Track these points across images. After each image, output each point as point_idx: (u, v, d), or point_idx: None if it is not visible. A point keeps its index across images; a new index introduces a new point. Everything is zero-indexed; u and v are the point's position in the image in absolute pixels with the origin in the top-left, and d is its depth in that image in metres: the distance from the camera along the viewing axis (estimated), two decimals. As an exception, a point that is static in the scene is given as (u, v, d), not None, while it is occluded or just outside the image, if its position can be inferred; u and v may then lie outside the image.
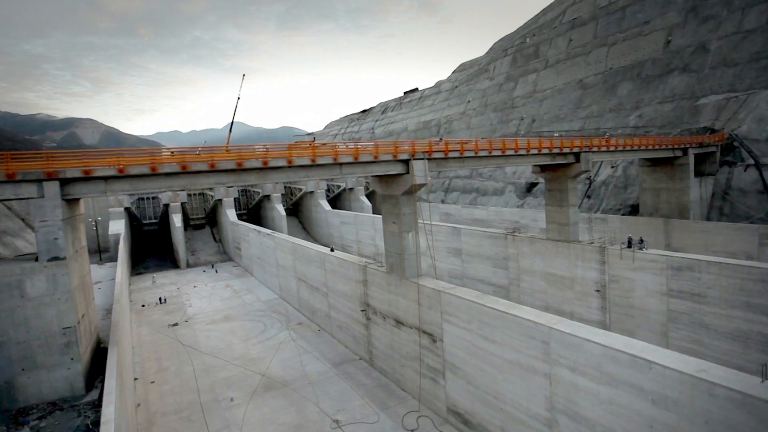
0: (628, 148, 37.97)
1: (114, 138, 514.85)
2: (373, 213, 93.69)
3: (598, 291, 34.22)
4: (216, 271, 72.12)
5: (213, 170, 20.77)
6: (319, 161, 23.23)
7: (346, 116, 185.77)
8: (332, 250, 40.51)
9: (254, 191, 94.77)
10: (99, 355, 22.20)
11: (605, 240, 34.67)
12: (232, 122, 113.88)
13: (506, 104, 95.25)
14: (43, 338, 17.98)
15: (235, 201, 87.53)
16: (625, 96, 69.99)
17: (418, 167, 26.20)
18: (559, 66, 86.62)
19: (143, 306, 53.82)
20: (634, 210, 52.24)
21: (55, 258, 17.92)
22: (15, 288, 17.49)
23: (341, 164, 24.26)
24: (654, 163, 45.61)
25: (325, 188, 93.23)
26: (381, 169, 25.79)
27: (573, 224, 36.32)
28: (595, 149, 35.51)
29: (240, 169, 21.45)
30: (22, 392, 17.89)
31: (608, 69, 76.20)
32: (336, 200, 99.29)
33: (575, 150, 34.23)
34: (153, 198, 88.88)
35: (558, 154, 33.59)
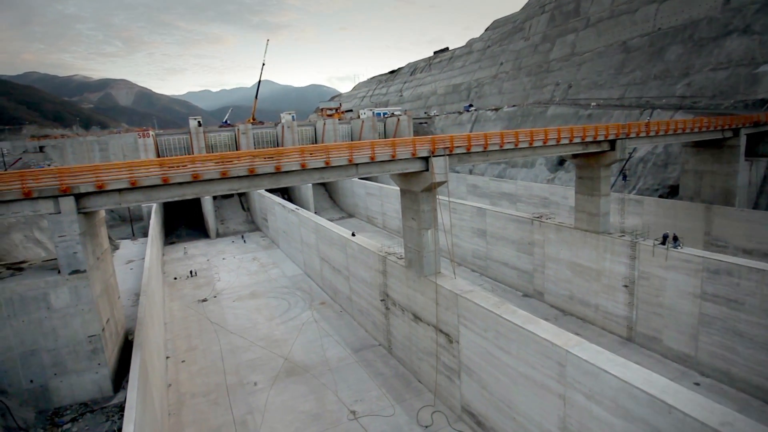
0: (671, 132, 35.06)
1: (147, 99, 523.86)
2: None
3: (626, 286, 32.90)
4: (244, 241, 74.03)
5: (225, 178, 20.49)
6: (334, 163, 22.53)
7: (373, 77, 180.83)
8: (353, 234, 40.36)
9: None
10: (127, 351, 23.25)
11: (637, 233, 32.85)
12: (258, 90, 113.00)
13: (541, 68, 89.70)
14: (71, 346, 18.90)
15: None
16: (674, 61, 64.29)
17: (438, 165, 25.09)
18: (601, 25, 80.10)
19: (175, 279, 56.18)
20: (673, 191, 49.17)
21: (76, 271, 18.46)
22: (41, 300, 18.26)
23: (357, 164, 23.48)
24: (698, 143, 42.20)
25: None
26: (399, 167, 24.86)
27: (603, 215, 34.51)
28: (633, 135, 32.99)
29: (252, 175, 21.09)
30: (56, 394, 19.08)
31: (656, 30, 69.84)
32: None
33: (610, 137, 31.91)
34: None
35: (591, 142, 31.41)
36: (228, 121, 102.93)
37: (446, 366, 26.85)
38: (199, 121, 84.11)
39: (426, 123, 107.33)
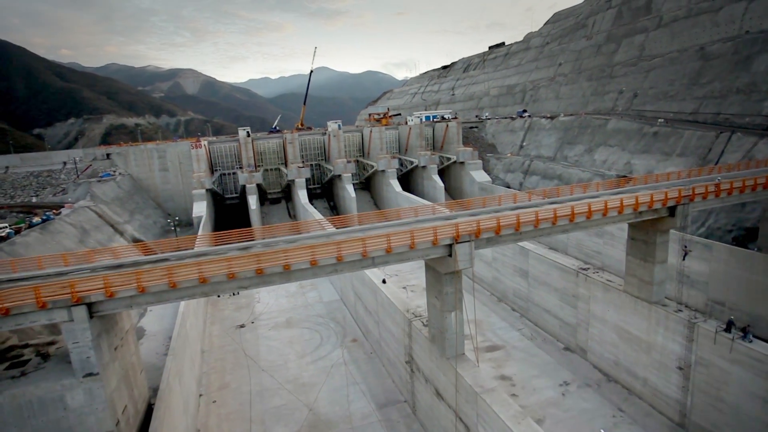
0: (748, 191, 30.29)
1: (211, 87, 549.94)
2: (446, 191, 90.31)
3: (680, 368, 29.30)
4: (288, 253, 75.43)
5: (233, 279, 20.10)
6: (347, 258, 21.41)
7: (425, 73, 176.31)
8: (384, 281, 39.28)
9: (327, 168, 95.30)
10: (149, 418, 23.58)
11: (696, 313, 29.00)
12: (306, 96, 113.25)
13: (603, 72, 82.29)
14: (86, 442, 19.55)
15: (307, 180, 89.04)
16: (762, 72, 56.05)
17: (462, 251, 23.20)
18: (675, 26, 71.62)
19: (218, 297, 58.32)
20: (750, 235, 43.24)
21: (89, 374, 18.94)
22: (58, 401, 19.02)
23: (373, 257, 22.20)
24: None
25: (397, 166, 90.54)
26: (419, 254, 23.31)
27: (658, 283, 30.80)
28: (698, 199, 28.85)
29: (262, 275, 20.53)
30: (75, 485, 19.90)
31: (742, 33, 61.20)
32: (408, 176, 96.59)
33: (670, 203, 28.09)
34: (233, 174, 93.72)
35: (646, 211, 27.81)
36: (277, 127, 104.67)
37: (466, 456, 25.36)
38: (247, 132, 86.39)
39: (476, 127, 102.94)
